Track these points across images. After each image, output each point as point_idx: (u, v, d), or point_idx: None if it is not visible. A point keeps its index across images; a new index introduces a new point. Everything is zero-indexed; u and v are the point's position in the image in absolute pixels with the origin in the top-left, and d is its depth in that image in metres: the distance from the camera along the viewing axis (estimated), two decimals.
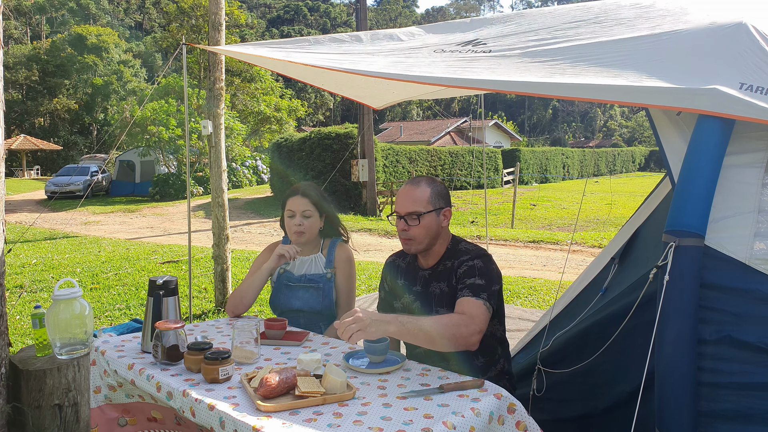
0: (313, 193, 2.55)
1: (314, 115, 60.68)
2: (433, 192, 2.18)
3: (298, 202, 2.52)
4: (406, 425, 1.43)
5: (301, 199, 2.52)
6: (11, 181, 30.21)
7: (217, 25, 5.28)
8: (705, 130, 1.65)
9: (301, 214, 2.50)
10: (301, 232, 2.51)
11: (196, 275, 7.45)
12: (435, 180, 2.24)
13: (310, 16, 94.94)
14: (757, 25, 1.82)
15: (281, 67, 3.42)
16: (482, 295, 1.98)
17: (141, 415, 2.11)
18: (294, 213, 2.52)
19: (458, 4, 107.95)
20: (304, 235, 2.51)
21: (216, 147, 5.54)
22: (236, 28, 28.12)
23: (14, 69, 41.74)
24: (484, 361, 2.20)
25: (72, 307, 2.57)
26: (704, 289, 1.62)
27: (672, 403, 1.64)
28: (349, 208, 16.05)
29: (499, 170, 26.98)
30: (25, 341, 4.69)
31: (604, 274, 2.64)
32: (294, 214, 2.51)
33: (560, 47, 2.08)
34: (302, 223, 2.50)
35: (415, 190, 2.18)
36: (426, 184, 2.19)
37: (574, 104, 74.55)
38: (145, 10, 73.28)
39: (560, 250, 9.72)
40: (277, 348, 2.09)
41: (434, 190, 2.19)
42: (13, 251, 9.24)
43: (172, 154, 22.21)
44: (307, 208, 2.51)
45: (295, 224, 2.50)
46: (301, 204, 2.51)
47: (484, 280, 2.03)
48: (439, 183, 2.24)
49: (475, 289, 2.00)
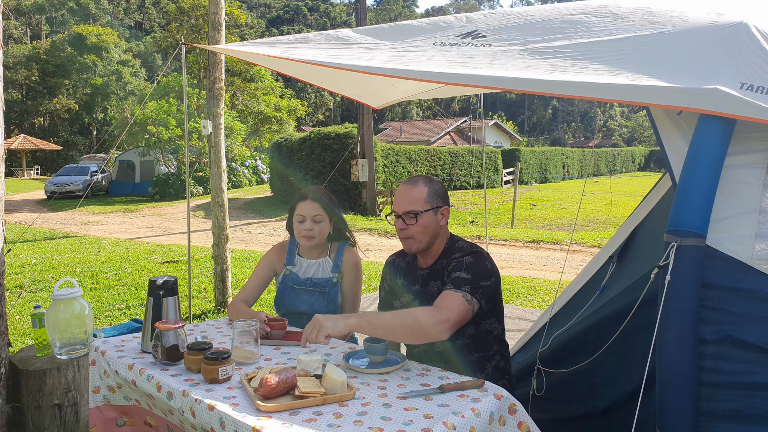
0: (324, 197, 2.51)
1: (314, 114, 60.67)
2: (430, 191, 2.18)
3: (309, 207, 2.48)
4: (406, 425, 1.43)
5: (312, 203, 2.48)
6: (11, 180, 30.21)
7: (216, 25, 5.28)
8: (706, 129, 1.65)
9: (312, 219, 2.47)
10: (311, 237, 2.48)
11: (196, 275, 7.45)
12: (432, 179, 2.25)
13: (309, 16, 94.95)
14: (758, 25, 1.82)
15: (281, 65, 3.42)
16: (464, 288, 1.97)
17: (138, 417, 2.11)
18: (304, 218, 2.48)
19: (458, 4, 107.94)
20: (314, 239, 2.49)
21: (216, 147, 5.54)
22: (236, 28, 28.14)
23: (14, 69, 41.74)
24: (478, 357, 2.19)
25: (72, 307, 2.57)
26: (705, 289, 1.62)
27: (672, 402, 1.64)
28: (349, 208, 16.05)
29: (498, 170, 26.99)
30: (25, 341, 4.69)
31: (602, 272, 2.63)
32: (304, 219, 2.48)
33: (561, 45, 2.08)
34: (312, 228, 2.47)
35: (412, 189, 2.18)
36: (423, 183, 2.20)
37: (573, 104, 74.56)
38: (144, 10, 73.27)
39: (560, 250, 9.72)
40: (277, 348, 2.09)
41: (431, 189, 2.19)
42: (12, 251, 9.23)
43: (172, 154, 22.21)
44: (317, 212, 2.48)
45: (305, 229, 2.47)
46: (312, 209, 2.47)
47: (470, 275, 2.02)
48: (437, 182, 2.24)
49: (457, 282, 1.99)
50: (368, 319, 1.85)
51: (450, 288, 1.98)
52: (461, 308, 1.91)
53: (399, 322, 1.84)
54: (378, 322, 1.84)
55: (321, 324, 1.78)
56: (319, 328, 1.77)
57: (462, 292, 1.95)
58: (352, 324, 1.82)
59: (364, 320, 1.84)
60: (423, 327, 1.83)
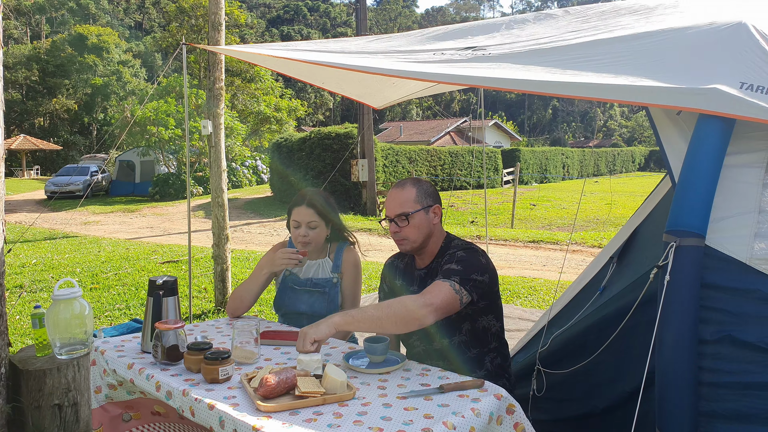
0: (319, 203, 2.49)
1: (314, 115, 60.68)
2: (419, 191, 2.19)
3: (304, 213, 2.47)
4: (406, 425, 1.43)
5: (307, 210, 2.46)
6: (11, 181, 30.21)
7: (217, 25, 5.28)
8: (705, 129, 1.65)
9: (307, 225, 2.47)
10: (307, 243, 2.48)
11: (196, 275, 7.45)
12: (420, 180, 2.26)
13: (309, 16, 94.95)
14: (757, 25, 1.82)
15: (281, 65, 3.42)
16: (453, 278, 1.98)
17: (144, 409, 2.11)
18: (299, 224, 2.47)
19: (458, 4, 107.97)
20: (310, 245, 2.49)
21: (216, 147, 5.55)
22: (236, 28, 28.13)
23: (14, 69, 41.74)
24: (476, 353, 2.20)
25: (72, 307, 2.57)
26: (705, 289, 1.62)
27: (672, 402, 1.64)
28: (349, 208, 16.05)
29: (498, 170, 26.98)
30: (25, 341, 4.69)
31: (603, 273, 2.64)
32: (299, 224, 2.47)
33: (560, 47, 2.08)
34: (308, 234, 2.47)
35: (401, 192, 2.20)
36: (411, 185, 2.21)
37: (573, 104, 74.56)
38: (144, 10, 73.30)
39: (560, 250, 9.72)
40: (277, 348, 2.09)
41: (420, 189, 2.20)
42: (13, 251, 9.24)
43: (172, 154, 22.21)
44: (312, 219, 2.47)
45: (300, 235, 2.47)
46: (307, 215, 2.46)
47: (461, 266, 2.03)
48: (425, 182, 2.25)
49: (446, 273, 2.01)
50: (352, 315, 1.87)
51: (439, 278, 2.00)
52: (447, 295, 1.93)
53: (384, 312, 1.86)
54: (362, 316, 1.86)
55: (304, 332, 1.82)
56: (303, 337, 1.81)
57: (450, 282, 1.97)
58: (336, 322, 1.84)
59: (348, 316, 1.87)
60: (408, 311, 1.85)
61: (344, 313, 1.89)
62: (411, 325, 1.88)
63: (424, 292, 1.93)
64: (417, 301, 1.88)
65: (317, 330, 1.82)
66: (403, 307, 1.86)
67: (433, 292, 1.92)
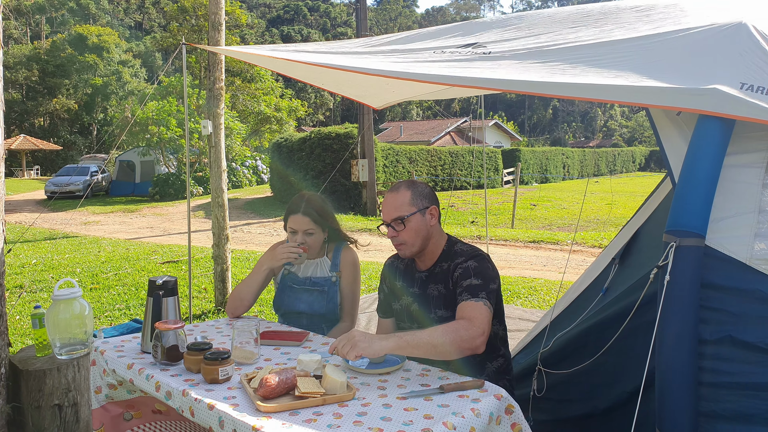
0: (315, 211, 2.49)
1: (314, 115, 60.66)
2: (413, 194, 2.18)
3: (300, 221, 2.47)
4: (406, 426, 1.43)
5: (303, 218, 2.47)
6: (11, 181, 30.21)
7: (217, 25, 5.28)
8: (705, 130, 1.65)
9: (303, 233, 2.48)
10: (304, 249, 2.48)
11: (195, 275, 7.45)
12: (415, 182, 2.25)
13: (309, 16, 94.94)
14: (757, 25, 1.82)
15: (281, 66, 3.42)
16: (481, 294, 1.98)
17: (145, 408, 2.11)
18: (296, 231, 2.48)
19: (458, 4, 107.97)
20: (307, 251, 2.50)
21: (216, 147, 5.55)
22: (236, 28, 28.10)
23: (14, 69, 41.73)
24: (480, 358, 2.19)
25: (72, 307, 2.57)
26: (705, 289, 1.62)
27: (672, 403, 1.64)
28: (349, 208, 16.04)
29: (499, 170, 26.97)
30: (25, 341, 4.69)
31: (605, 274, 2.64)
32: (296, 231, 2.48)
33: (560, 48, 2.08)
34: (305, 241, 2.48)
35: (395, 196, 2.19)
36: (405, 188, 2.20)
37: (574, 104, 74.54)
38: (145, 10, 73.29)
39: (560, 250, 9.72)
40: (277, 348, 2.09)
41: (414, 191, 2.19)
42: (13, 251, 9.24)
43: (172, 154, 22.21)
44: (308, 227, 2.48)
45: (297, 241, 2.48)
46: (303, 223, 2.47)
47: (481, 280, 2.03)
48: (420, 184, 2.24)
49: (473, 290, 2.00)
50: (406, 340, 1.79)
51: (468, 298, 1.97)
52: (487, 316, 1.93)
53: (439, 340, 1.80)
54: (417, 342, 1.79)
55: (355, 342, 1.73)
56: (352, 345, 1.73)
57: (482, 300, 1.96)
58: (389, 346, 1.77)
59: (402, 341, 1.78)
60: (464, 341, 1.82)
61: (399, 337, 1.80)
62: (467, 353, 1.86)
63: (472, 319, 1.89)
64: (470, 330, 1.84)
65: (369, 346, 1.73)
66: (458, 335, 1.82)
67: (479, 318, 1.90)
